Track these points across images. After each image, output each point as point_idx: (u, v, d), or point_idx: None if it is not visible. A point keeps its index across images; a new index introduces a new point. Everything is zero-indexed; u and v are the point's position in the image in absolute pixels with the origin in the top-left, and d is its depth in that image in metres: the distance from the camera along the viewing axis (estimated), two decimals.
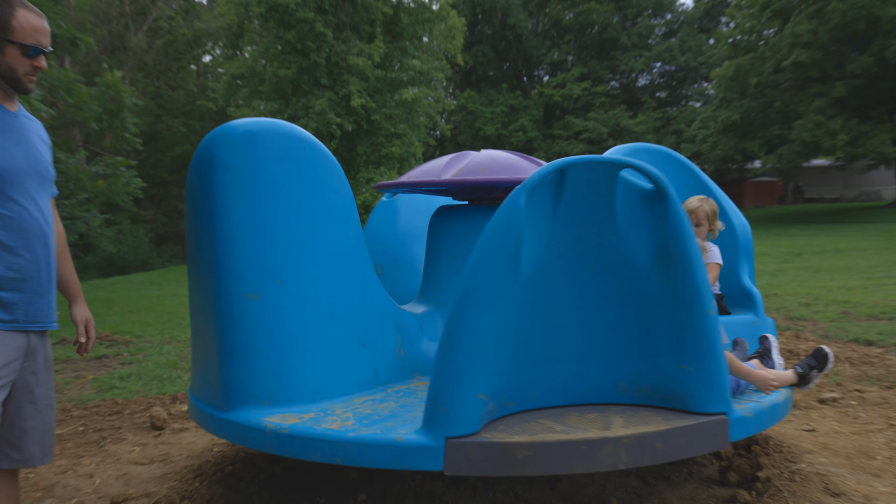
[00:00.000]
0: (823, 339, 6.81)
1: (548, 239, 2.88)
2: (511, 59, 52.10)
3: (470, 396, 2.70)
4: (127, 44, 37.41)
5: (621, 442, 2.65)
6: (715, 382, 2.84)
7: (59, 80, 11.01)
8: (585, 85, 46.95)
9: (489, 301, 2.69)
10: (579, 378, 3.07)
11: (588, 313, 3.01)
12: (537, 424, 2.83)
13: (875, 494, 3.31)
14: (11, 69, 2.41)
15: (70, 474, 4.00)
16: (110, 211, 28.16)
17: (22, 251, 2.41)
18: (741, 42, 37.91)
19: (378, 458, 2.74)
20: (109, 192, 12.49)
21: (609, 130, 44.83)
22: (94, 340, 2.89)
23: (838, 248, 18.03)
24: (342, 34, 26.05)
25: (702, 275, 2.81)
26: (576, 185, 2.83)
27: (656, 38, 50.14)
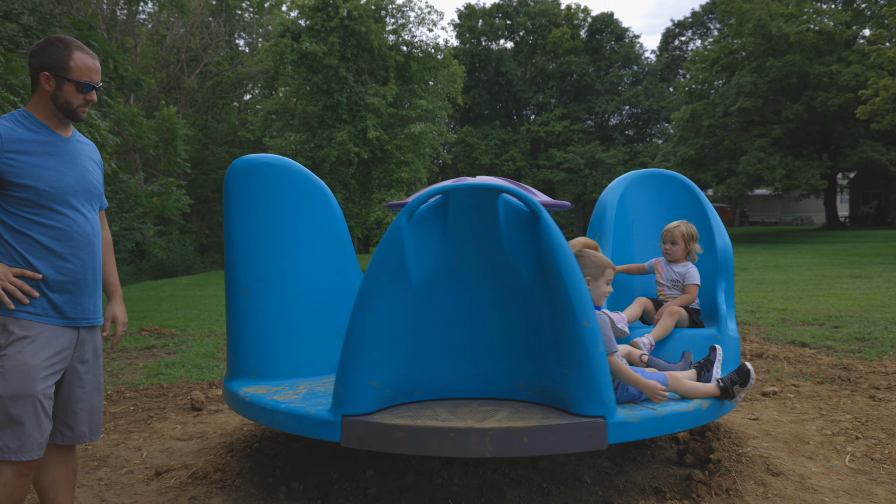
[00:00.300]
0: (765, 341, 6.76)
1: (438, 253, 2.90)
2: (503, 100, 52.26)
3: (361, 382, 2.79)
4: (181, 84, 37.55)
5: (487, 433, 2.64)
6: (591, 387, 2.70)
7: (125, 115, 11.04)
8: (566, 123, 47.12)
9: (376, 304, 2.77)
10: (482, 376, 3.09)
11: (485, 319, 3.01)
12: (430, 412, 2.89)
13: (808, 474, 3.26)
14: (68, 102, 2.45)
15: (122, 447, 3.95)
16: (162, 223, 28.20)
17: (70, 258, 2.43)
18: (696, 90, 38.16)
19: (296, 427, 2.92)
20: (162, 207, 12.51)
21: (585, 162, 44.95)
22: (120, 337, 2.78)
23: (777, 264, 18.00)
24: (361, 78, 26.12)
25: (576, 288, 2.70)
26: (459, 208, 2.85)
27: (625, 86, 50.36)
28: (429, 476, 3.34)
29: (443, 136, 29.70)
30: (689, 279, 3.96)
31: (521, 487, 3.19)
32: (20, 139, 2.37)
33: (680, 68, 50.95)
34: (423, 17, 27.22)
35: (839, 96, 30.28)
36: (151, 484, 3.37)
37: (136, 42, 35.26)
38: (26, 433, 2.31)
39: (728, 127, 35.46)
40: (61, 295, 2.42)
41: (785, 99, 33.23)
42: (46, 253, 2.38)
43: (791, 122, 32.53)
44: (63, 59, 2.41)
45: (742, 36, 33.62)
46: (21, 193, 2.34)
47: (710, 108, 34.94)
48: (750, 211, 53.08)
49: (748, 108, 32.50)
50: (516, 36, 51.92)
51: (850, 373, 5.23)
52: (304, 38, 25.18)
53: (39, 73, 2.42)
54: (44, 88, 2.43)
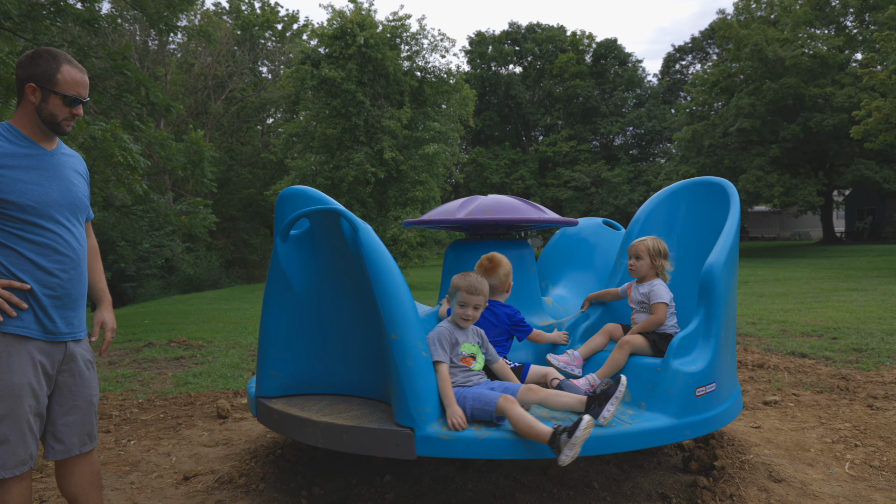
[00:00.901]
0: (766, 352, 6.70)
1: (315, 267, 3.25)
2: (512, 122, 52.37)
3: (264, 371, 3.27)
4: (208, 109, 37.90)
5: (318, 426, 2.83)
6: (401, 399, 2.66)
7: (155, 138, 11.13)
8: (572, 143, 47.13)
9: (270, 309, 3.23)
10: (363, 377, 3.21)
11: (356, 326, 3.17)
12: (313, 403, 3.14)
13: (809, 480, 3.22)
14: (53, 115, 2.34)
15: (152, 453, 3.96)
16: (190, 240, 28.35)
17: (57, 272, 2.33)
18: (696, 112, 38.15)
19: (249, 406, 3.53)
20: (190, 225, 12.55)
21: (591, 180, 44.90)
22: (108, 343, 2.63)
23: (777, 277, 17.87)
24: (377, 102, 26.24)
25: (389, 303, 2.69)
26: (318, 228, 3.21)
27: (629, 108, 50.34)
28: (443, 482, 3.33)
29: (455, 156, 29.74)
30: (654, 297, 3.41)
31: (533, 493, 3.17)
32: (3, 153, 2.26)
33: (681, 91, 50.93)
34: (436, 45, 27.33)
35: (834, 117, 30.22)
36: (180, 488, 3.37)
37: (166, 70, 35.67)
38: (10, 450, 2.22)
39: (728, 146, 35.38)
40: (48, 309, 2.31)
41: (782, 120, 33.18)
42: (32, 267, 2.28)
43: (788, 142, 32.47)
44: (51, 72, 2.31)
45: (740, 60, 33.64)
46: (4, 209, 2.24)
47: (711, 128, 34.91)
48: (749, 226, 52.76)
49: (747, 128, 32.49)
50: (524, 61, 52.08)
51: (848, 382, 5.17)
52: (324, 64, 25.37)
53: (26, 85, 2.32)
54: (29, 100, 2.33)
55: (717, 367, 3.06)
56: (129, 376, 6.37)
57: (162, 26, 11.57)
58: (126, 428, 4.54)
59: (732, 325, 3.35)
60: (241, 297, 20.04)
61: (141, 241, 16.16)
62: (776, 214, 50.12)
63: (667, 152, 49.10)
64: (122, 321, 12.13)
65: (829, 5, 34.93)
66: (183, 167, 11.82)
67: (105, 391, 5.68)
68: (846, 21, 35.48)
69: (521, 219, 3.65)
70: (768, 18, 36.34)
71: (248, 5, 41.72)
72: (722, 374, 3.12)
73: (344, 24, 25.56)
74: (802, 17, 33.28)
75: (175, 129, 31.63)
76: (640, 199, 43.92)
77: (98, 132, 9.02)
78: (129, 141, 9.69)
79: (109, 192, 11.06)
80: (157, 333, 9.66)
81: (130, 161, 9.52)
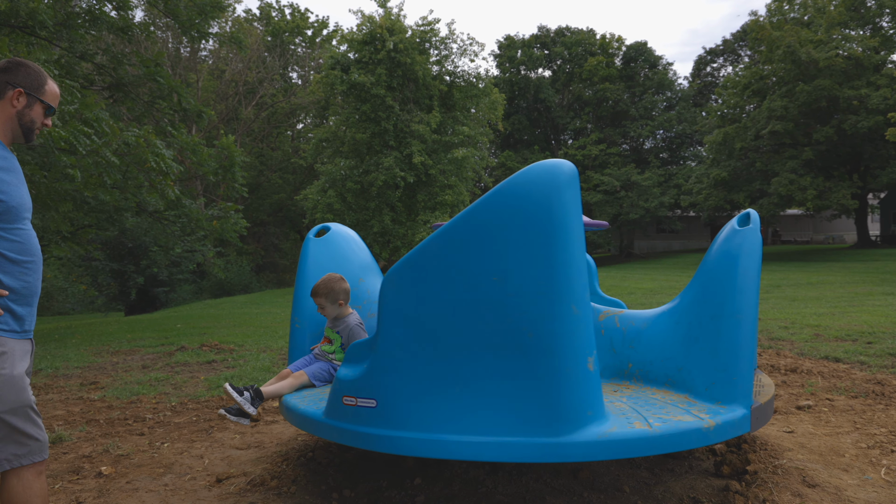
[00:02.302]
0: (799, 356, 6.60)
1: None
2: (542, 126, 52.23)
3: None
4: (239, 115, 38.35)
5: None
6: None
7: (187, 144, 11.28)
8: (602, 147, 46.87)
9: None
10: None
11: None
12: None
13: (844, 486, 3.17)
14: (32, 122, 2.42)
15: (185, 455, 4.01)
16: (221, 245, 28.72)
17: (30, 270, 2.37)
18: (728, 114, 37.76)
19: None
20: (221, 230, 12.70)
21: (621, 184, 44.60)
22: None
23: (810, 281, 17.59)
24: (407, 106, 26.35)
25: None
26: None
27: (659, 111, 49.91)
28: (473, 485, 3.33)
29: (484, 160, 29.79)
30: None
31: (563, 496, 3.17)
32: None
33: (712, 94, 50.41)
34: (465, 49, 27.40)
35: (869, 119, 29.71)
36: (213, 490, 3.42)
37: (197, 77, 36.18)
38: (32, 438, 2.29)
39: (759, 149, 34.97)
40: (22, 308, 2.35)
41: (815, 122, 32.70)
42: (11, 266, 2.31)
43: (821, 145, 31.99)
44: (40, 82, 2.42)
45: (772, 62, 33.22)
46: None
47: (742, 131, 34.54)
48: (782, 230, 52.02)
49: (779, 131, 32.08)
50: (554, 65, 51.93)
51: (883, 387, 5.08)
52: (353, 69, 25.55)
53: (13, 90, 2.36)
54: (10, 104, 2.37)
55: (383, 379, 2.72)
56: (161, 380, 6.47)
57: (194, 33, 11.75)
58: (160, 430, 4.61)
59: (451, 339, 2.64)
60: (271, 302, 20.24)
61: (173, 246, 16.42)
62: (809, 218, 49.35)
63: (697, 155, 48.62)
64: (154, 325, 12.31)
65: (865, 6, 34.35)
66: (214, 172, 11.98)
67: (139, 394, 5.78)
68: (882, 22, 34.84)
69: None
70: (802, 20, 35.84)
71: (278, 11, 42.20)
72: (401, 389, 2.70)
73: (373, 30, 25.73)
74: (837, 17, 32.77)
75: (206, 135, 32.07)
76: (670, 202, 43.54)
77: (131, 138, 9.18)
78: (162, 147, 9.85)
79: (142, 198, 11.25)
80: (189, 337, 9.79)
81: (163, 167, 9.68)
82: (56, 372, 7.08)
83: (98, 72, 11.50)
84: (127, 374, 6.87)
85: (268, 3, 42.31)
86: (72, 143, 7.75)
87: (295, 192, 37.42)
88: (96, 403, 5.47)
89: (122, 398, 5.62)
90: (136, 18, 12.78)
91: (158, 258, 22.48)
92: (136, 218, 14.80)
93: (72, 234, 13.28)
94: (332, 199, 26.34)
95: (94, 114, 8.33)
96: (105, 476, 3.61)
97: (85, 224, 12.98)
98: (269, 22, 41.41)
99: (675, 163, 49.95)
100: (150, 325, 12.24)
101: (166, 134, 11.42)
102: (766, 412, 3.03)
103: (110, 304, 26.24)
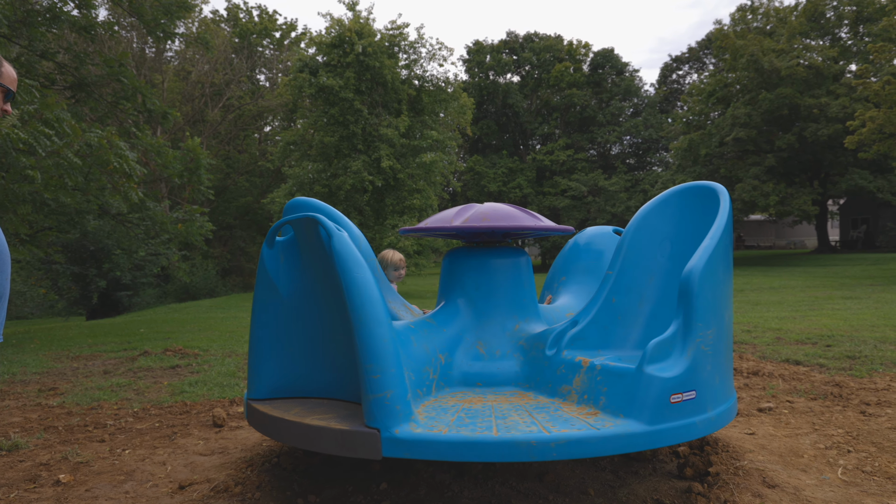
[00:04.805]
0: (761, 359, 6.71)
1: (301, 273, 3.33)
2: (510, 131, 52.51)
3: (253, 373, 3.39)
4: (205, 117, 37.96)
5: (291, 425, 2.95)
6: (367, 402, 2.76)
7: (152, 146, 11.15)
8: (569, 152, 47.29)
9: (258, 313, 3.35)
10: (347, 380, 3.21)
11: (334, 331, 3.21)
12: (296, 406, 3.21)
13: (802, 486, 3.24)
14: None
15: (147, 462, 3.95)
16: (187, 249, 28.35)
17: (5, 272, 2.33)
18: (693, 121, 38.35)
19: None
20: (186, 233, 12.56)
21: (588, 189, 45.04)
22: None
23: (772, 285, 17.92)
24: (375, 110, 26.31)
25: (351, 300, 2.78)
26: (301, 236, 3.28)
27: (626, 117, 50.54)
28: (440, 489, 3.33)
29: (453, 164, 29.83)
30: None
31: (529, 499, 3.18)
32: None
33: (678, 100, 51.14)
34: (434, 53, 27.43)
35: (828, 127, 30.40)
36: (175, 497, 3.37)
37: (163, 78, 35.73)
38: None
39: (724, 156, 35.56)
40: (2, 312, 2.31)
41: (777, 129, 33.38)
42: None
43: (783, 152, 32.65)
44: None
45: (736, 70, 33.84)
46: None
47: (707, 138, 35.09)
48: (746, 235, 52.91)
49: (743, 138, 32.67)
50: (522, 70, 52.29)
51: (841, 389, 5.19)
52: (322, 73, 25.44)
53: None
54: None
55: (697, 374, 2.94)
56: (124, 385, 6.36)
57: (159, 33, 11.61)
58: (121, 437, 4.53)
59: (725, 332, 3.21)
60: (237, 306, 20.03)
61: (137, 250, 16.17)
62: (772, 223, 50.26)
63: (663, 161, 49.31)
64: (116, 330, 12.10)
65: (825, 17, 35.19)
66: (179, 175, 11.84)
67: (100, 400, 5.68)
68: (841, 32, 35.73)
69: (517, 226, 3.66)
70: (764, 29, 36.58)
71: (246, 13, 41.86)
72: (705, 381, 2.99)
73: (342, 33, 25.65)
74: (798, 28, 33.52)
75: (172, 137, 31.68)
76: (637, 207, 44.03)
77: (94, 139, 9.03)
78: (126, 148, 9.71)
79: (105, 200, 11.07)
80: (153, 342, 9.65)
81: (126, 169, 9.53)
82: (13, 378, 6.92)
83: (59, 71, 11.30)
84: (87, 379, 6.75)
85: (235, 4, 41.95)
86: (31, 144, 7.60)
87: (262, 196, 37.10)
88: (55, 410, 5.36)
89: (83, 404, 5.52)
90: (99, 17, 12.58)
91: (121, 262, 22.08)
92: (98, 220, 14.56)
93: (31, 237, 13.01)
94: None
95: (54, 114, 8.18)
96: (63, 484, 3.54)
97: (45, 226, 12.73)
98: (237, 23, 41.04)
99: (642, 168, 50.59)
100: (112, 330, 12.03)
101: (130, 135, 11.26)
102: None
103: (71, 308, 25.73)
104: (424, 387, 3.27)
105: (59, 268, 22.46)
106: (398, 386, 2.73)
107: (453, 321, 3.72)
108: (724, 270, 3.15)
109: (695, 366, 2.90)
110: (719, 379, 3.13)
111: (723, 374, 3.19)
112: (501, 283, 3.83)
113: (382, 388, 2.70)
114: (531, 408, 3.06)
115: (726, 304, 3.23)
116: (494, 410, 3.02)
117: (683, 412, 2.83)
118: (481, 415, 2.94)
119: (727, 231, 3.23)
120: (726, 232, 3.22)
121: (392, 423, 2.67)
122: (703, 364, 2.95)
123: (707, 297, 2.99)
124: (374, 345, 2.72)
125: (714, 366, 3.06)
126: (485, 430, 2.68)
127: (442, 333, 3.58)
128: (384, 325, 2.77)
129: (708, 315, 3.00)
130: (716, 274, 3.06)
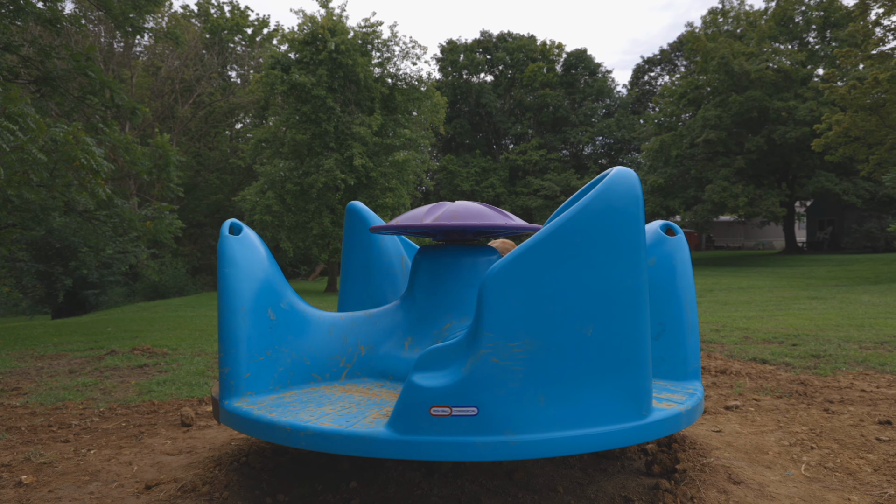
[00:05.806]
0: (729, 358, 6.81)
1: None
2: (483, 130, 52.61)
3: None
4: (175, 114, 37.50)
5: None
6: None
7: (120, 142, 10.99)
8: (542, 152, 47.51)
9: None
10: None
11: None
12: None
13: (767, 482, 3.29)
14: None
15: (113, 462, 3.90)
16: (155, 247, 28.03)
17: None
18: (664, 123, 38.75)
19: None
20: (155, 231, 12.40)
21: (561, 189, 45.28)
22: None
23: (741, 286, 18.17)
24: (348, 108, 26.21)
25: (219, 292, 3.25)
26: None
27: (598, 118, 50.90)
28: (409, 487, 3.34)
29: (426, 163, 29.83)
30: None
31: (498, 497, 3.20)
32: None
33: (650, 102, 51.67)
34: (408, 52, 27.40)
35: (796, 130, 30.90)
36: (141, 497, 3.33)
37: (132, 73, 35.24)
38: None
39: (694, 157, 35.98)
40: None
41: (747, 132, 33.87)
42: None
43: (752, 154, 33.11)
44: None
45: (707, 73, 34.26)
46: None
47: (678, 139, 35.48)
48: (715, 236, 53.58)
49: (713, 139, 33.08)
50: (496, 70, 52.43)
51: (806, 387, 5.28)
52: (294, 70, 25.28)
53: None
54: None
55: (481, 390, 2.60)
56: (90, 385, 6.27)
57: (128, 28, 11.44)
58: (86, 437, 4.47)
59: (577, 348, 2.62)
60: (207, 304, 19.84)
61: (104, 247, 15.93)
62: (741, 224, 50.98)
63: (635, 162, 49.75)
64: (83, 329, 11.92)
65: (793, 21, 35.77)
66: (148, 172, 11.69)
67: (65, 400, 5.59)
68: (809, 37, 36.36)
69: (488, 225, 3.67)
70: (735, 33, 37.09)
71: (217, 8, 41.43)
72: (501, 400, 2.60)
73: (315, 30, 25.52)
74: (767, 32, 34.04)
75: (141, 133, 31.26)
76: None
77: (60, 135, 8.88)
78: (92, 144, 9.55)
79: (71, 197, 10.89)
80: (120, 341, 9.52)
81: (93, 165, 9.39)
82: None
83: (24, 64, 11.10)
84: (52, 379, 6.64)
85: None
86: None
87: (233, 193, 36.78)
88: (18, 410, 5.27)
89: (47, 404, 5.43)
90: (65, 10, 12.37)
91: (88, 259, 21.73)
92: (64, 218, 14.31)
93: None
94: (271, 201, 26.00)
95: (18, 108, 8.03)
96: (26, 485, 3.48)
97: (8, 223, 12.49)
98: (208, 19, 40.62)
99: None
100: (78, 329, 11.84)
101: (97, 131, 11.09)
102: None
103: (36, 307, 25.30)
104: (329, 372, 3.52)
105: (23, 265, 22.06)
106: (234, 364, 3.12)
107: (391, 316, 3.81)
108: (568, 276, 2.59)
109: (476, 380, 2.57)
110: (548, 401, 2.62)
111: (564, 395, 2.64)
112: (445, 282, 3.83)
113: (223, 365, 3.13)
114: (372, 402, 3.06)
115: (577, 314, 2.61)
116: (346, 400, 3.10)
117: (450, 428, 2.56)
118: (322, 402, 3.08)
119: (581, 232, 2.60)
120: (578, 233, 2.59)
121: (226, 395, 3.07)
122: (493, 379, 2.57)
123: (510, 306, 2.60)
124: (224, 329, 3.13)
125: (530, 384, 2.61)
126: (291, 415, 2.86)
127: (374, 327, 3.74)
128: (236, 313, 3.18)
129: (511, 326, 2.59)
130: (537, 280, 2.60)
